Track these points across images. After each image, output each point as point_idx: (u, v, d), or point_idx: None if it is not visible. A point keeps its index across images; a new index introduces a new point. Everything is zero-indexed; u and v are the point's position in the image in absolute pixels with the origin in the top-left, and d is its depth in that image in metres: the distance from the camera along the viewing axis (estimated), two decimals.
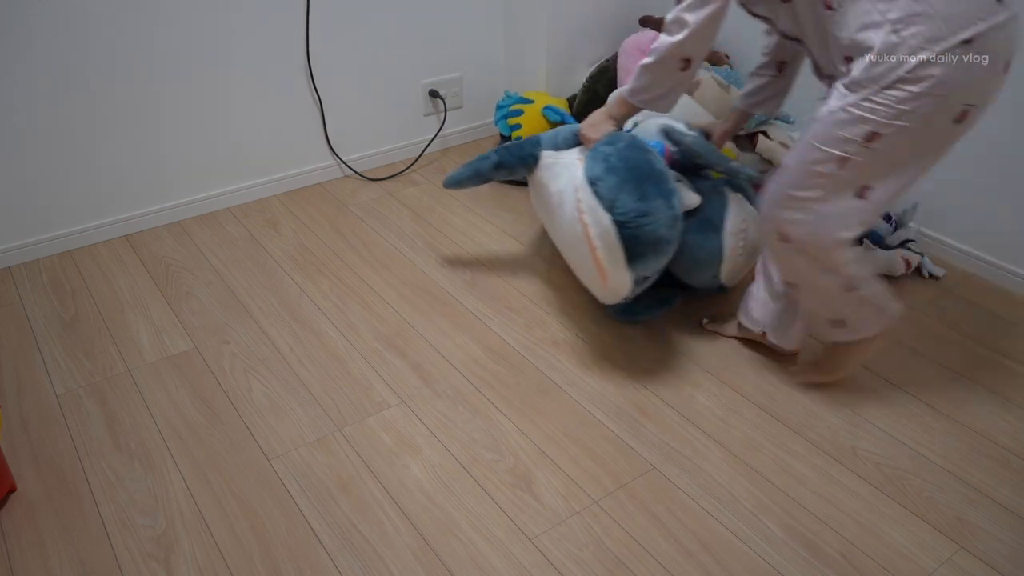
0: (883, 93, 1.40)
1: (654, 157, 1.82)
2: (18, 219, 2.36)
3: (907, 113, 1.40)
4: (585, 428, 1.82)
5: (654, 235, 1.76)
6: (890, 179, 1.51)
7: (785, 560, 1.52)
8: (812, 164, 1.51)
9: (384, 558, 1.53)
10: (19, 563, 1.52)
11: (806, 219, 1.58)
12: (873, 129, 1.43)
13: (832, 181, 1.51)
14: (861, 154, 1.46)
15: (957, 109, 1.41)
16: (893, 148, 1.45)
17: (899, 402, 1.89)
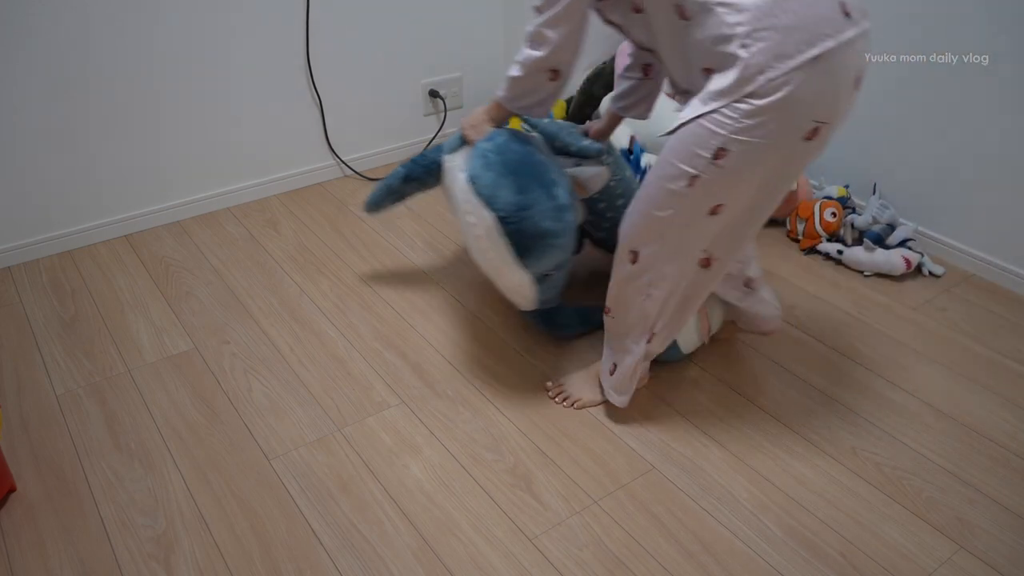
0: (732, 107, 1.35)
1: (534, 149, 1.77)
2: (18, 219, 2.36)
3: (754, 128, 1.36)
4: (585, 428, 1.82)
5: (537, 227, 1.69)
6: (741, 198, 1.48)
7: (785, 560, 1.52)
8: (666, 181, 1.47)
9: (384, 558, 1.53)
10: (19, 563, 1.52)
11: (658, 238, 1.55)
12: (721, 144, 1.38)
13: (683, 200, 1.47)
14: (709, 171, 1.42)
15: (807, 127, 1.38)
16: (741, 165, 1.40)
17: (899, 402, 1.89)
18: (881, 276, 2.34)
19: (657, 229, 1.54)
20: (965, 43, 2.16)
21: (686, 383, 1.94)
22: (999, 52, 2.11)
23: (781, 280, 2.32)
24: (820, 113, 1.37)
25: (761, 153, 1.39)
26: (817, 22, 1.31)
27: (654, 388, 1.93)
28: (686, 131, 1.42)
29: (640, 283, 1.63)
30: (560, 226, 1.73)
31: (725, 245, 1.58)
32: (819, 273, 2.36)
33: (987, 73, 2.15)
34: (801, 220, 2.44)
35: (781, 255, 2.44)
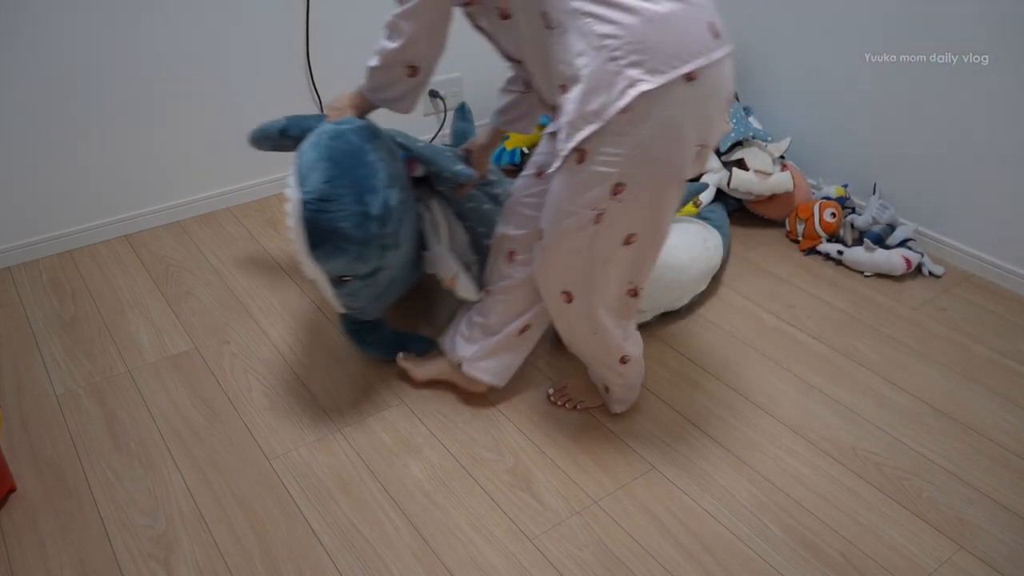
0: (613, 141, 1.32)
1: (372, 149, 1.66)
2: (18, 219, 2.36)
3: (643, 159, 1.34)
4: (585, 428, 1.81)
5: (332, 224, 1.58)
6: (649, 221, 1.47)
7: (785, 560, 1.52)
8: (572, 221, 1.45)
9: (384, 558, 1.53)
10: (19, 563, 1.52)
11: (584, 276, 1.53)
12: (618, 180, 1.37)
13: (594, 238, 1.46)
14: (612, 208, 1.40)
15: (694, 148, 1.37)
16: (640, 192, 1.39)
17: (899, 402, 1.89)
18: (881, 276, 2.34)
19: (579, 267, 1.51)
20: (965, 43, 2.17)
21: (686, 383, 1.94)
22: (999, 52, 2.11)
23: (781, 280, 2.32)
24: (699, 135, 1.36)
25: (657, 177, 1.39)
26: (689, 41, 1.29)
27: (654, 388, 1.93)
28: (575, 177, 1.38)
29: (584, 324, 1.61)
30: (358, 233, 1.61)
31: (642, 271, 1.57)
32: (819, 273, 2.36)
33: (987, 73, 2.15)
34: (801, 221, 2.44)
35: (781, 255, 2.44)
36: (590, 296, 1.56)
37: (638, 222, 1.45)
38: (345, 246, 1.62)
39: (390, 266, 1.73)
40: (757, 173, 2.43)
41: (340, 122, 1.69)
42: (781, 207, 2.52)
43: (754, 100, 2.78)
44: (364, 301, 1.78)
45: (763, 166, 2.44)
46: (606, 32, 1.28)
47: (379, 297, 1.81)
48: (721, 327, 2.13)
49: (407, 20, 1.50)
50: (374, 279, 1.72)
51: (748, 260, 2.42)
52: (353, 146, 1.64)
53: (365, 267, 1.68)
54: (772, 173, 2.45)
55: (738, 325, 2.14)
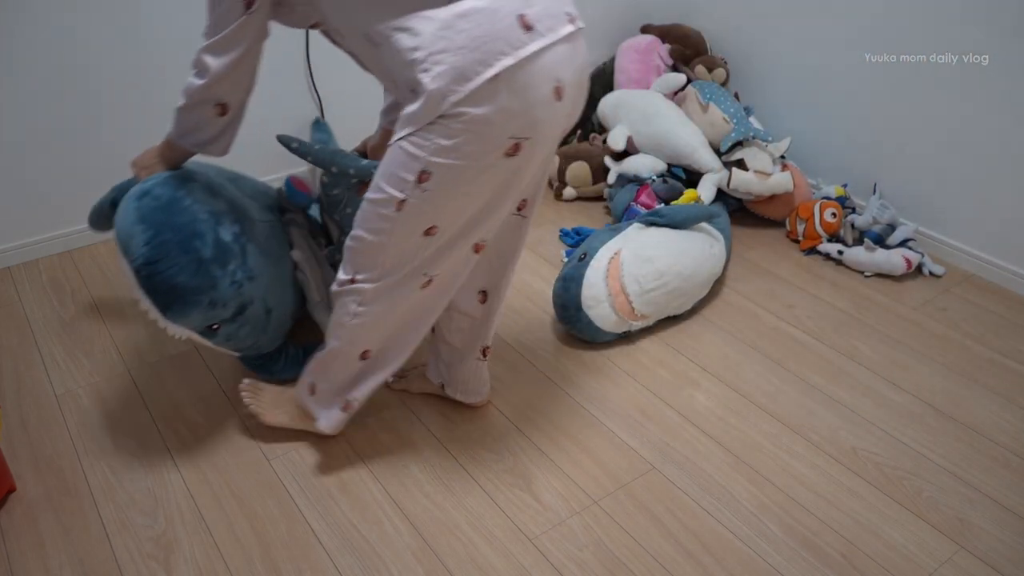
0: (428, 128, 1.31)
1: (185, 194, 1.62)
2: (18, 219, 2.36)
3: (450, 150, 1.32)
4: (585, 428, 1.82)
5: (170, 282, 1.55)
6: (455, 218, 1.43)
7: (785, 560, 1.52)
8: (378, 206, 1.42)
9: (384, 558, 1.53)
10: (19, 563, 1.52)
11: (375, 263, 1.48)
12: (423, 168, 1.34)
13: (394, 223, 1.42)
14: (415, 195, 1.37)
15: (505, 144, 1.33)
16: (446, 186, 1.36)
17: (899, 402, 1.89)
18: (881, 276, 2.34)
19: (373, 253, 1.47)
20: (965, 43, 2.17)
21: (686, 383, 1.94)
22: (999, 52, 2.11)
23: (781, 280, 2.32)
24: (515, 129, 1.32)
25: (463, 173, 1.35)
26: (492, 41, 1.26)
27: (654, 388, 1.93)
28: (391, 153, 1.37)
29: (351, 301, 1.54)
30: (201, 281, 1.58)
31: (442, 264, 1.51)
32: (819, 273, 2.36)
33: (987, 73, 2.15)
34: (801, 221, 2.44)
35: (781, 255, 2.44)
36: (372, 285, 1.50)
37: (441, 215, 1.41)
38: (194, 298, 1.58)
39: (256, 297, 1.70)
40: (757, 173, 2.43)
41: (144, 181, 1.64)
42: (781, 207, 2.52)
43: (754, 100, 2.79)
44: (250, 339, 1.75)
45: (763, 166, 2.44)
46: (414, 45, 1.28)
47: (265, 329, 1.77)
48: (721, 327, 2.13)
49: (214, 55, 1.43)
50: (245, 316, 1.70)
51: (748, 260, 2.42)
52: (163, 199, 1.60)
53: (226, 310, 1.65)
54: (772, 173, 2.45)
55: (738, 325, 2.14)
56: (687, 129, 2.51)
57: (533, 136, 1.35)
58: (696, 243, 2.13)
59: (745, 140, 2.49)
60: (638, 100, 2.61)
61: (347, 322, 1.55)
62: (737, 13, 2.73)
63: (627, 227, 2.14)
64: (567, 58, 1.34)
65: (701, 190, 2.45)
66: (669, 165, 2.56)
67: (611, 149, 2.63)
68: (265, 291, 1.72)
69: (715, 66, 2.70)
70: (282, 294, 1.80)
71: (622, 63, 2.82)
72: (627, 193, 2.50)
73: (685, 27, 2.84)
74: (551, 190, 2.80)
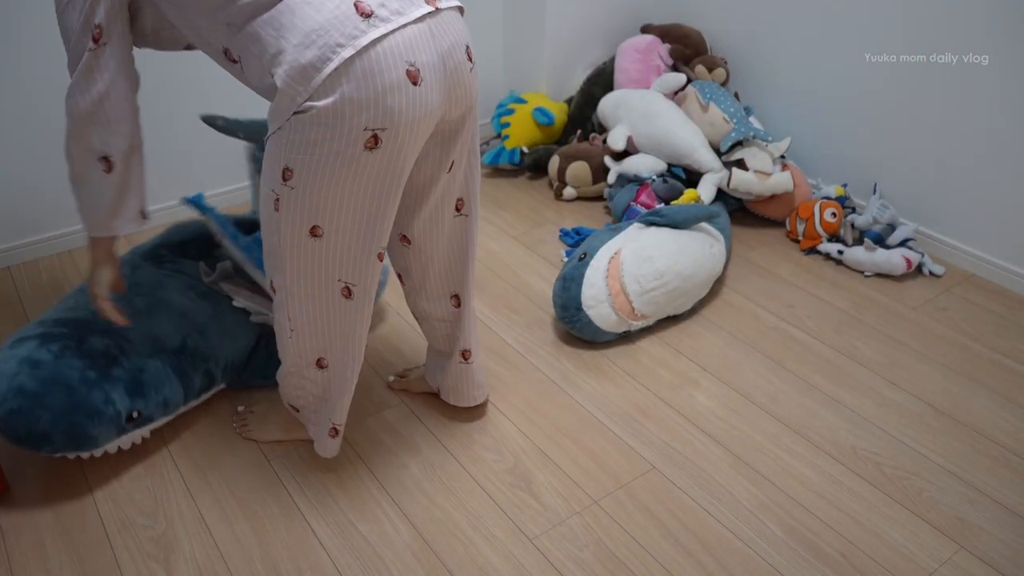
0: (284, 126, 1.29)
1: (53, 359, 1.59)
2: (18, 219, 2.36)
3: (305, 145, 1.29)
4: (585, 428, 1.82)
5: (32, 430, 1.54)
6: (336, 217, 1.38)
7: (785, 560, 1.52)
8: (264, 205, 1.40)
9: (384, 558, 1.53)
10: (19, 563, 1.52)
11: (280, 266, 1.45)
12: (285, 164, 1.32)
13: (279, 224, 1.39)
14: (284, 193, 1.35)
15: (362, 136, 1.28)
16: (309, 182, 1.32)
17: (899, 402, 1.89)
18: (881, 276, 2.34)
19: (275, 256, 1.44)
20: (965, 43, 2.17)
21: (686, 383, 1.94)
22: (999, 52, 2.11)
23: (781, 280, 2.32)
24: (368, 120, 1.27)
25: (323, 168, 1.31)
26: (326, 33, 1.23)
27: (654, 388, 1.93)
28: (266, 154, 1.36)
29: (281, 316, 1.52)
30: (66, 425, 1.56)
31: (356, 270, 1.46)
32: (819, 273, 2.36)
33: (987, 73, 2.15)
34: (801, 220, 2.44)
35: (781, 255, 2.44)
36: (288, 293, 1.47)
37: (318, 213, 1.36)
38: (64, 440, 1.57)
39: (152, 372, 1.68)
40: (757, 173, 2.43)
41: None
42: (781, 207, 2.52)
43: (754, 100, 2.79)
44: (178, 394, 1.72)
45: (763, 166, 2.44)
46: (257, 52, 1.27)
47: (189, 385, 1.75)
48: (721, 327, 2.13)
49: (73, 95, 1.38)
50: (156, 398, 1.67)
51: (748, 260, 2.42)
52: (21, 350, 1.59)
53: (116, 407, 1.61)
54: (772, 173, 2.45)
55: (738, 325, 2.14)
56: (687, 129, 2.51)
57: (390, 126, 1.28)
58: (696, 243, 2.13)
59: (745, 140, 2.49)
60: (638, 100, 2.61)
61: (286, 339, 1.55)
62: (737, 13, 2.73)
63: (627, 227, 2.14)
64: (423, 40, 1.28)
65: (701, 190, 2.45)
66: (669, 165, 2.56)
67: (611, 149, 2.63)
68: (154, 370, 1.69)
69: (715, 66, 2.70)
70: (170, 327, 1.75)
71: (622, 63, 2.82)
72: (627, 193, 2.50)
73: (685, 27, 2.84)
74: (551, 190, 2.80)
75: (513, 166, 2.89)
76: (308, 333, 1.52)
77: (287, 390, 1.65)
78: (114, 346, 1.64)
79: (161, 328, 1.72)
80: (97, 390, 1.58)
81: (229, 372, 1.83)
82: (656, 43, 2.82)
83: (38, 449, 1.56)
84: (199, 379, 1.76)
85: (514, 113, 2.83)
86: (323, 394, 1.63)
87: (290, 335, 1.53)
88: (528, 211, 2.67)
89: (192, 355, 1.74)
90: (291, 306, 1.49)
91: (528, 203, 2.72)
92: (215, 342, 1.78)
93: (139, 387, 1.64)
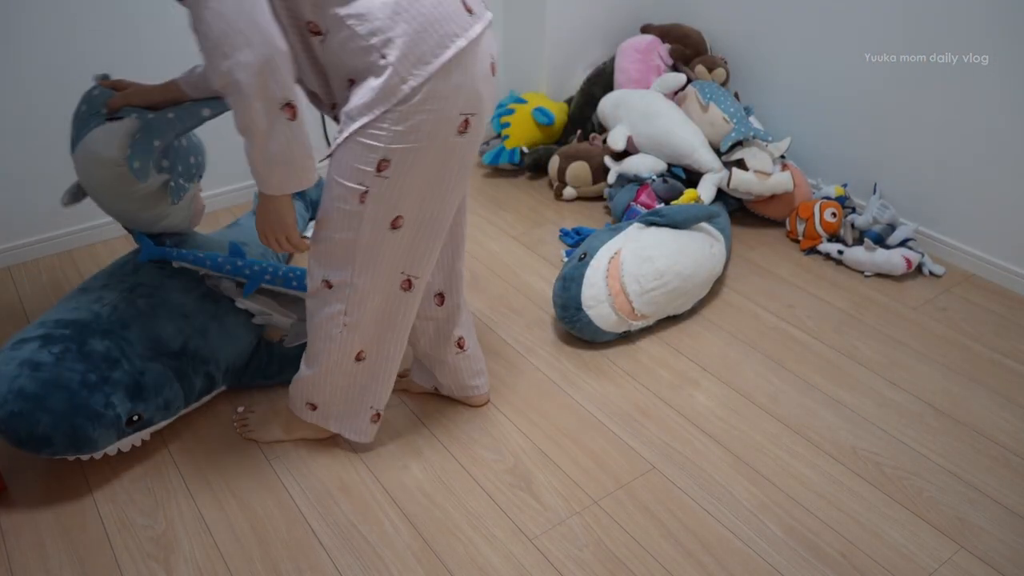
0: (383, 117, 1.33)
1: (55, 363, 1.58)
2: (18, 219, 2.36)
3: (408, 134, 1.34)
4: (585, 428, 1.82)
5: (33, 432, 1.53)
6: (416, 205, 1.44)
7: (785, 560, 1.52)
8: (338, 202, 1.41)
9: (384, 558, 1.53)
10: (19, 563, 1.52)
11: (348, 262, 1.47)
12: (382, 156, 1.36)
13: (359, 218, 1.42)
14: (376, 184, 1.38)
15: (457, 121, 1.37)
16: (405, 170, 1.38)
17: (899, 402, 1.89)
18: (881, 276, 2.34)
19: (343, 253, 1.46)
20: (965, 43, 2.17)
21: (686, 383, 1.94)
22: (999, 52, 2.11)
23: (781, 280, 2.32)
24: (464, 105, 1.37)
25: (422, 155, 1.38)
26: (445, 24, 1.31)
27: (654, 388, 1.93)
28: (344, 150, 1.37)
29: (334, 311, 1.53)
30: (69, 426, 1.55)
31: (421, 263, 1.52)
32: (819, 273, 2.36)
33: (987, 73, 2.15)
34: (801, 220, 2.44)
35: (781, 255, 2.44)
36: (351, 288, 1.49)
37: (404, 202, 1.42)
38: (67, 440, 1.56)
39: (151, 375, 1.67)
40: (757, 173, 2.43)
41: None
42: (781, 207, 2.52)
43: (754, 100, 2.79)
44: (179, 397, 1.72)
45: (763, 166, 2.44)
46: (369, 31, 1.29)
47: (189, 388, 1.74)
48: (721, 327, 2.13)
49: (237, 54, 1.24)
50: (157, 401, 1.67)
51: (748, 260, 2.42)
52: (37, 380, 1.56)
53: (116, 410, 1.60)
54: (772, 173, 2.45)
55: (738, 325, 2.14)
56: (687, 129, 2.51)
57: (479, 111, 1.40)
58: (696, 243, 2.13)
59: (745, 140, 2.49)
60: (638, 100, 2.61)
61: (335, 333, 1.55)
62: (737, 13, 2.73)
63: (627, 227, 2.14)
64: (492, 40, 1.43)
65: (701, 190, 2.45)
66: (669, 165, 2.56)
67: (611, 149, 2.63)
68: (151, 373, 1.68)
69: (715, 66, 2.70)
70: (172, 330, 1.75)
71: (622, 63, 2.82)
72: (627, 193, 2.50)
73: (685, 27, 2.84)
74: (551, 190, 2.80)
75: (513, 166, 2.89)
76: (363, 327, 1.56)
77: (309, 389, 1.65)
78: (115, 348, 1.64)
79: (163, 330, 1.72)
80: (98, 393, 1.58)
81: (230, 375, 1.83)
82: (656, 43, 2.82)
83: (38, 451, 1.56)
84: (200, 382, 1.76)
85: (514, 113, 2.83)
86: (353, 386, 1.65)
87: (342, 329, 1.55)
88: (528, 211, 2.67)
89: (193, 357, 1.74)
90: (352, 301, 1.51)
91: (528, 203, 2.72)
92: (216, 344, 1.78)
93: (140, 390, 1.64)
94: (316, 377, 1.63)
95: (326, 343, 1.57)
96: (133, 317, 1.70)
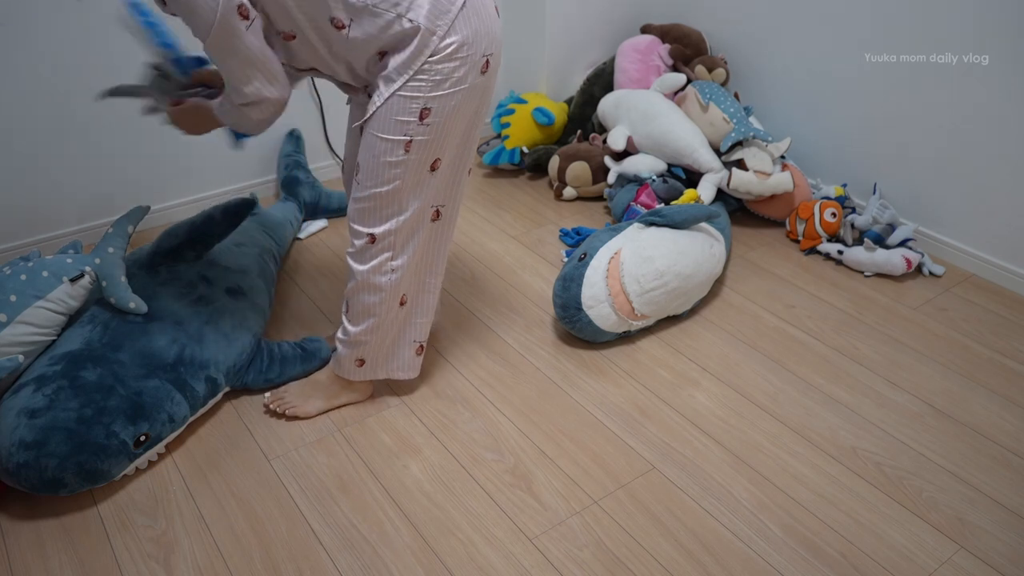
0: (422, 70, 1.48)
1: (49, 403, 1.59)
2: (18, 219, 2.36)
3: (444, 82, 1.49)
4: (585, 428, 1.82)
5: (43, 477, 1.54)
6: (452, 145, 1.59)
7: (785, 560, 1.52)
8: (383, 156, 1.54)
9: (384, 558, 1.53)
10: (19, 563, 1.52)
11: (396, 213, 1.60)
12: (423, 105, 1.50)
13: (405, 167, 1.55)
14: (420, 132, 1.52)
15: (480, 62, 1.52)
16: (446, 115, 1.53)
17: (899, 402, 1.89)
18: (881, 276, 2.34)
19: (387, 203, 1.59)
20: (965, 43, 2.17)
21: (686, 383, 1.94)
22: (999, 52, 2.11)
23: (781, 280, 2.32)
24: (486, 46, 1.52)
25: (458, 99, 1.52)
26: None
27: (654, 388, 1.93)
28: (386, 108, 1.50)
29: (380, 260, 1.64)
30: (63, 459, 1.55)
31: (450, 193, 1.68)
32: (819, 273, 2.36)
33: (987, 73, 2.15)
34: (801, 221, 2.44)
35: (781, 255, 2.44)
36: (395, 236, 1.62)
37: (443, 145, 1.57)
38: (77, 475, 1.56)
39: (149, 393, 1.66)
40: (757, 173, 2.43)
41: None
42: (781, 207, 2.52)
43: (754, 100, 2.79)
44: (183, 406, 1.71)
45: (763, 166, 2.44)
46: (387, 5, 1.44)
47: (192, 395, 1.74)
48: (721, 327, 2.13)
49: (269, 84, 1.50)
50: (160, 416, 1.66)
51: (748, 260, 2.42)
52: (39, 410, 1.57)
53: (119, 438, 1.60)
54: (772, 173, 2.45)
55: (738, 325, 2.14)
56: (687, 129, 2.51)
57: (496, 51, 1.55)
58: (696, 243, 2.13)
59: (745, 140, 2.49)
60: (638, 100, 2.61)
61: (383, 282, 1.66)
62: (737, 13, 2.73)
63: (627, 227, 2.14)
64: None
65: (701, 190, 2.45)
66: (669, 165, 2.56)
67: (611, 149, 2.62)
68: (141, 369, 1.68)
69: (715, 66, 2.70)
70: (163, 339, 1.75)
71: (622, 63, 2.82)
72: (627, 193, 2.50)
73: (685, 27, 2.84)
74: (551, 190, 2.80)
75: (513, 166, 2.89)
76: (407, 268, 1.68)
77: (359, 347, 1.75)
78: (108, 375, 1.63)
79: (156, 343, 1.72)
80: (97, 426, 1.57)
81: (232, 376, 1.83)
82: (656, 43, 2.82)
83: (56, 493, 1.57)
84: (202, 387, 1.75)
85: (514, 113, 2.83)
86: (398, 330, 1.78)
87: (389, 275, 1.66)
88: (528, 211, 2.67)
89: (190, 365, 1.73)
90: (397, 247, 1.64)
91: (528, 203, 2.72)
92: (213, 348, 1.78)
93: (140, 410, 1.63)
94: (364, 333, 1.73)
95: (373, 295, 1.67)
96: (125, 335, 1.70)
